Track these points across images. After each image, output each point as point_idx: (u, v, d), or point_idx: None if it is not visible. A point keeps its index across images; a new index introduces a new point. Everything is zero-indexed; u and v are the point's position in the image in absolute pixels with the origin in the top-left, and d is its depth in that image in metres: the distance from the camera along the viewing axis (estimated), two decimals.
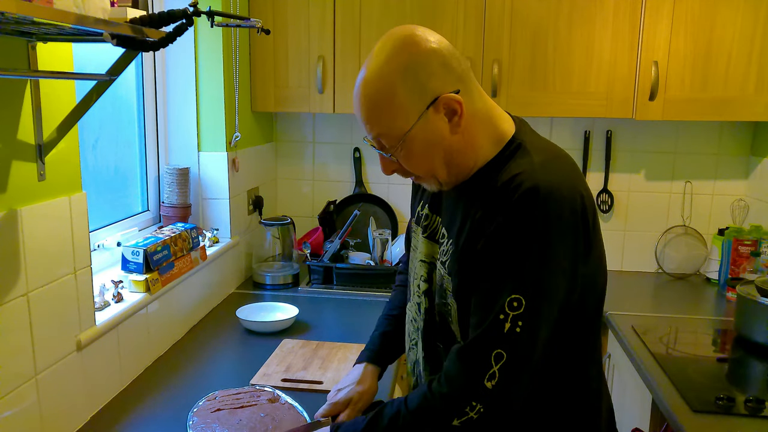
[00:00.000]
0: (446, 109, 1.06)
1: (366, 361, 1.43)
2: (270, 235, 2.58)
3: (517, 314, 1.01)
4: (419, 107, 1.05)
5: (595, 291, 1.15)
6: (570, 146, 2.76)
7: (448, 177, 1.13)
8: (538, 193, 1.01)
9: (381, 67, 1.05)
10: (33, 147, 1.32)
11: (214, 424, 1.42)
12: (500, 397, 1.03)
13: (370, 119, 1.08)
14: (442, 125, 1.07)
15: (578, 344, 1.15)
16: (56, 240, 1.39)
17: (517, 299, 1.01)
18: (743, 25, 2.29)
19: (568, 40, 2.39)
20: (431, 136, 1.07)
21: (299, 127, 2.90)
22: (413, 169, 1.12)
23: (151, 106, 2.22)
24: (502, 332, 1.01)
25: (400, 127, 1.06)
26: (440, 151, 1.09)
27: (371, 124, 1.08)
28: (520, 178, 1.03)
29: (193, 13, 1.28)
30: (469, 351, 1.06)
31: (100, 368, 1.55)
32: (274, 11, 2.50)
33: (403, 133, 1.06)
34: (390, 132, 1.07)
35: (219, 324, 2.12)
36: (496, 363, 1.02)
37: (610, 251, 2.85)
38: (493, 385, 1.02)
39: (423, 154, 1.09)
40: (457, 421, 1.05)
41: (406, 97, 1.04)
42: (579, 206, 1.05)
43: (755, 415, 1.54)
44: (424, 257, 1.24)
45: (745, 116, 2.38)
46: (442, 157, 1.10)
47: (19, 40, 1.25)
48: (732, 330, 2.07)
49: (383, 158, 1.12)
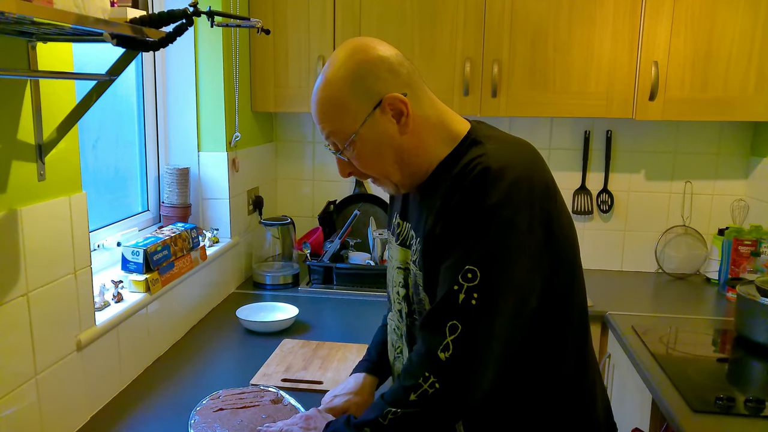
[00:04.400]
0: (393, 111, 1.12)
1: (365, 372, 1.42)
2: (270, 235, 2.58)
3: (471, 285, 1.02)
4: (366, 109, 1.12)
5: (564, 275, 1.13)
6: (570, 146, 2.76)
7: (402, 178, 1.18)
8: (490, 171, 1.04)
9: (333, 73, 1.13)
10: (33, 147, 1.32)
11: (215, 423, 1.42)
12: (454, 371, 1.03)
13: (322, 120, 1.16)
14: (391, 126, 1.13)
15: (555, 336, 1.14)
16: (56, 240, 1.39)
17: (472, 270, 1.03)
18: (743, 25, 2.29)
19: (568, 40, 2.39)
20: (380, 136, 1.13)
21: (299, 127, 2.90)
22: (366, 169, 1.17)
23: (151, 106, 2.22)
24: (457, 303, 1.03)
25: (349, 128, 1.13)
26: (390, 151, 1.14)
27: (323, 125, 1.16)
28: (474, 163, 1.07)
29: (193, 13, 1.28)
30: (427, 321, 1.08)
31: (100, 368, 1.55)
32: (274, 11, 2.50)
33: (352, 134, 1.13)
34: (340, 132, 1.14)
35: (219, 324, 2.12)
36: (450, 334, 1.03)
37: (610, 251, 2.88)
38: (446, 357, 1.02)
39: (373, 154, 1.15)
40: (414, 395, 1.04)
41: (353, 99, 1.12)
42: (535, 184, 1.07)
43: (755, 415, 1.54)
44: (400, 263, 1.27)
45: (745, 116, 2.38)
46: (393, 158, 1.15)
47: (19, 40, 1.25)
48: (732, 330, 2.07)
49: (339, 160, 1.19)
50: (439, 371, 1.03)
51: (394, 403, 1.07)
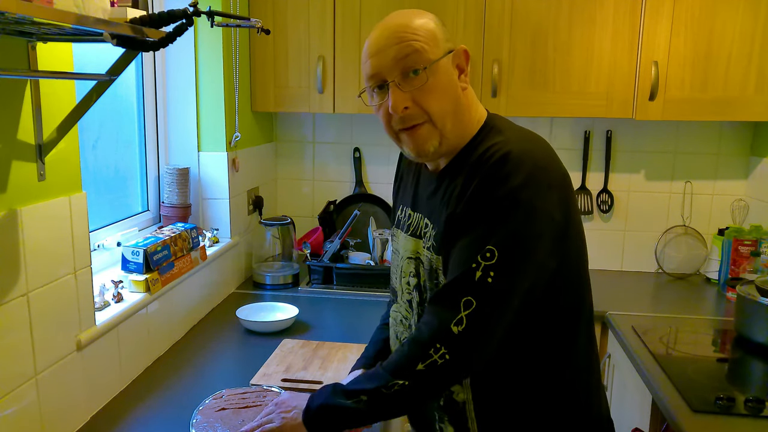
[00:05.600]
0: (459, 63, 1.16)
1: (363, 368, 1.42)
2: (270, 235, 2.58)
3: (489, 264, 1.04)
4: (446, 47, 1.15)
5: (577, 265, 1.16)
6: (570, 146, 2.76)
7: (451, 131, 1.15)
8: (511, 155, 1.06)
9: (416, 12, 1.16)
10: (33, 147, 1.32)
11: (217, 423, 1.42)
12: (465, 345, 1.05)
13: (413, 36, 1.12)
14: (455, 75, 1.16)
15: (567, 327, 1.16)
16: (56, 240, 1.39)
17: (490, 250, 1.04)
18: (743, 25, 2.29)
19: (568, 40, 2.39)
20: (449, 78, 1.15)
21: (299, 127, 2.90)
22: (430, 104, 1.13)
23: (151, 106, 2.22)
24: (473, 280, 1.05)
25: (433, 52, 1.12)
26: (452, 96, 1.15)
27: (409, 42, 1.11)
28: (494, 148, 1.09)
29: (193, 13, 1.28)
30: (440, 295, 1.09)
31: (100, 368, 1.55)
32: (274, 11, 2.50)
33: (435, 59, 1.12)
34: (423, 53, 1.12)
35: (219, 324, 2.12)
36: (464, 309, 1.05)
37: (610, 251, 2.88)
38: (459, 330, 1.04)
39: (441, 90, 1.13)
40: (422, 365, 1.06)
41: (439, 32, 1.15)
42: (553, 172, 1.10)
43: (755, 415, 1.53)
44: (410, 254, 1.27)
45: (745, 116, 2.38)
46: (453, 104, 1.15)
47: (19, 40, 1.25)
48: (732, 330, 2.07)
49: (398, 93, 1.12)
50: (451, 344, 1.05)
51: (398, 374, 1.08)
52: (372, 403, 1.11)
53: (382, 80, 1.14)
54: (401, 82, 1.12)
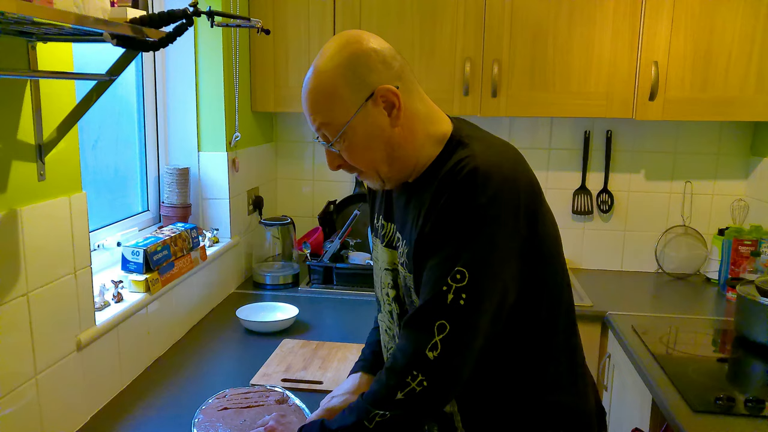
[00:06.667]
0: (385, 102, 1.11)
1: (361, 371, 1.42)
2: (270, 235, 2.58)
3: (460, 286, 1.03)
4: (358, 100, 1.11)
5: (551, 271, 1.15)
6: (570, 146, 2.76)
7: (390, 172, 1.17)
8: (479, 172, 1.05)
9: (325, 63, 1.11)
10: (33, 147, 1.32)
11: (218, 423, 1.42)
12: (442, 369, 1.04)
13: (314, 111, 1.13)
14: (382, 118, 1.12)
15: (545, 330, 1.15)
16: (56, 240, 1.39)
17: (461, 272, 1.04)
18: (743, 25, 2.29)
19: (568, 40, 2.39)
20: (371, 128, 1.12)
21: (299, 127, 2.90)
22: (356, 161, 1.16)
23: (151, 106, 2.22)
24: (445, 303, 1.04)
25: (341, 119, 1.11)
26: (381, 143, 1.13)
27: (314, 116, 1.14)
28: (462, 163, 1.08)
29: (193, 13, 1.28)
30: (413, 320, 1.08)
31: (100, 368, 1.55)
32: (274, 11, 2.50)
33: (343, 124, 1.11)
34: (332, 123, 1.12)
35: (219, 324, 2.12)
36: (438, 333, 1.04)
37: (610, 251, 2.87)
38: (435, 356, 1.04)
39: (364, 146, 1.13)
40: (401, 393, 1.05)
41: (345, 89, 1.10)
42: (521, 184, 1.09)
43: (755, 415, 1.53)
44: (387, 265, 1.27)
45: (745, 116, 2.38)
46: (383, 150, 1.14)
47: (19, 40, 1.25)
48: (732, 330, 2.07)
49: (329, 152, 1.17)
50: (427, 370, 1.04)
51: (378, 404, 1.07)
52: None
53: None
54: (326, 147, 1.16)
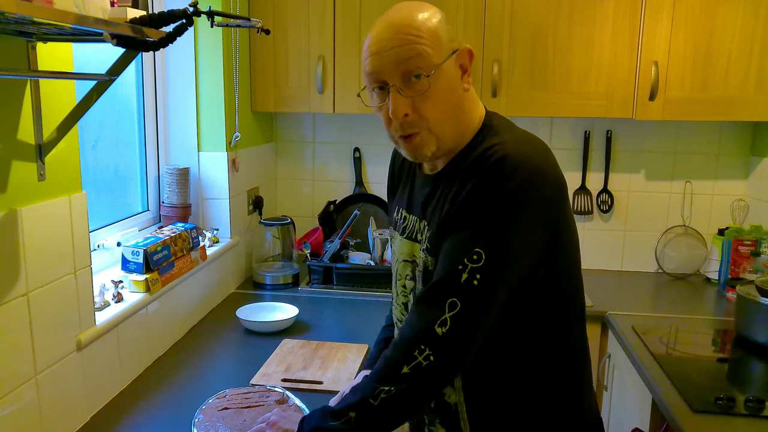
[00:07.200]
0: (463, 63, 1.13)
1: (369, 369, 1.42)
2: (270, 235, 2.58)
3: (475, 267, 1.04)
4: (449, 47, 1.11)
5: (568, 273, 1.16)
6: (570, 146, 2.76)
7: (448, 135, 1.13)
8: (507, 159, 1.05)
9: (419, 7, 1.10)
10: (33, 147, 1.32)
11: (218, 423, 1.42)
12: (449, 346, 1.05)
13: (415, 39, 1.07)
14: (458, 77, 1.13)
15: (559, 329, 1.16)
16: (56, 240, 1.39)
17: (478, 253, 1.04)
18: (743, 25, 2.29)
19: (568, 40, 2.39)
20: (452, 82, 1.12)
21: (299, 127, 2.90)
22: (428, 111, 1.10)
23: (151, 106, 2.22)
24: (459, 282, 1.04)
25: (436, 56, 1.09)
26: (454, 100, 1.12)
27: (413, 45, 1.07)
28: (492, 150, 1.08)
29: (193, 13, 1.28)
30: (426, 295, 1.09)
31: (100, 368, 1.55)
32: (274, 11, 2.50)
33: (438, 63, 1.09)
34: (427, 55, 1.08)
35: (219, 324, 2.12)
36: (449, 310, 1.04)
37: (610, 251, 2.87)
38: (443, 332, 1.04)
39: (443, 95, 1.11)
40: (406, 367, 1.05)
41: (444, 33, 1.10)
42: (549, 178, 1.09)
43: (755, 415, 1.53)
44: (407, 257, 1.26)
45: (745, 116, 2.38)
46: (454, 108, 1.13)
47: (19, 40, 1.25)
48: (732, 330, 2.07)
49: (399, 99, 1.09)
50: (435, 344, 1.05)
51: (383, 380, 1.07)
52: (361, 419, 1.07)
53: (383, 81, 1.10)
54: (402, 87, 1.09)
